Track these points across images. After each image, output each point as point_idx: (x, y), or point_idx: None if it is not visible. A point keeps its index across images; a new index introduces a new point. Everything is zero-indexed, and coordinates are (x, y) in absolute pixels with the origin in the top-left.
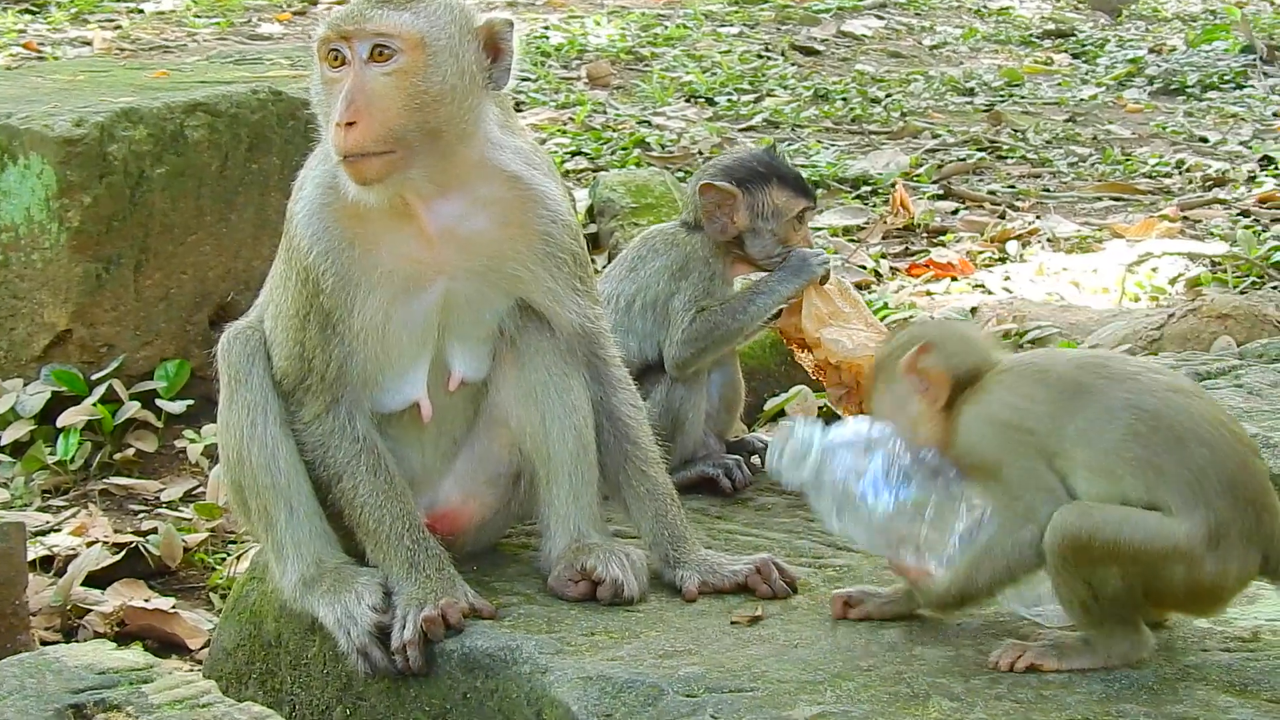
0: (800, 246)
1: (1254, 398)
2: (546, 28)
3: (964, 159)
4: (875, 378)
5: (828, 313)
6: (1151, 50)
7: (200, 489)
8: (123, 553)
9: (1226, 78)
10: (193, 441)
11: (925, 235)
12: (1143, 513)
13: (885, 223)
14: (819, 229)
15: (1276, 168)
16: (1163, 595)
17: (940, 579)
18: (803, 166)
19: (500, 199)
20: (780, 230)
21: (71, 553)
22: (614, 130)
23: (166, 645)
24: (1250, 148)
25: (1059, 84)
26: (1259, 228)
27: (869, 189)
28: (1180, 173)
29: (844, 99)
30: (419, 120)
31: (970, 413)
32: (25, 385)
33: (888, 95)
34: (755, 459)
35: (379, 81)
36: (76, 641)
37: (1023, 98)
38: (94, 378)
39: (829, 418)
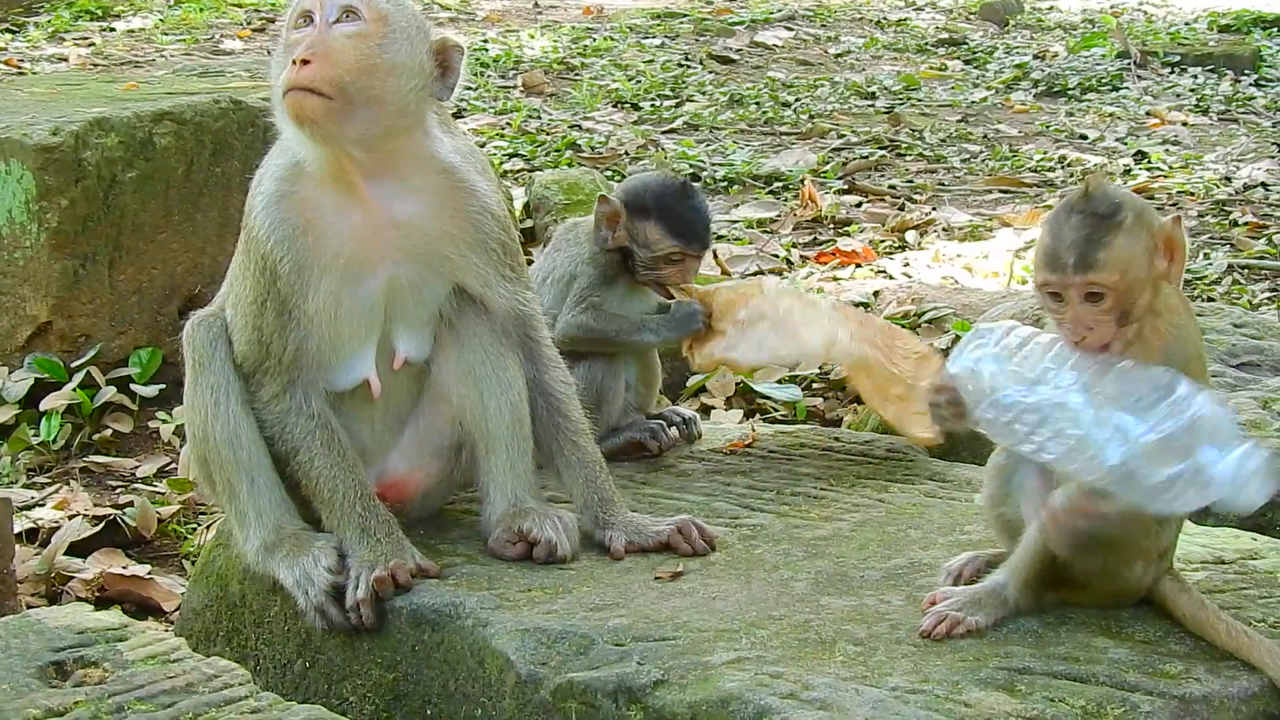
0: (671, 281)
1: None
2: (485, 41)
3: (866, 157)
4: (1124, 228)
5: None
6: (1036, 56)
7: (172, 465)
8: (102, 524)
9: (1104, 80)
10: (165, 422)
11: (832, 226)
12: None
13: (795, 215)
14: (736, 222)
15: (1150, 162)
16: (1110, 583)
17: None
18: (720, 165)
19: (436, 187)
20: (650, 262)
21: (55, 525)
22: (548, 134)
23: (143, 608)
24: (1126, 144)
25: (952, 88)
26: None
27: (780, 185)
28: (1063, 167)
29: (757, 103)
30: (366, 82)
31: (1182, 316)
32: (10, 373)
33: (797, 99)
34: (673, 430)
35: (339, 39)
36: (60, 606)
37: (919, 100)
38: (73, 365)
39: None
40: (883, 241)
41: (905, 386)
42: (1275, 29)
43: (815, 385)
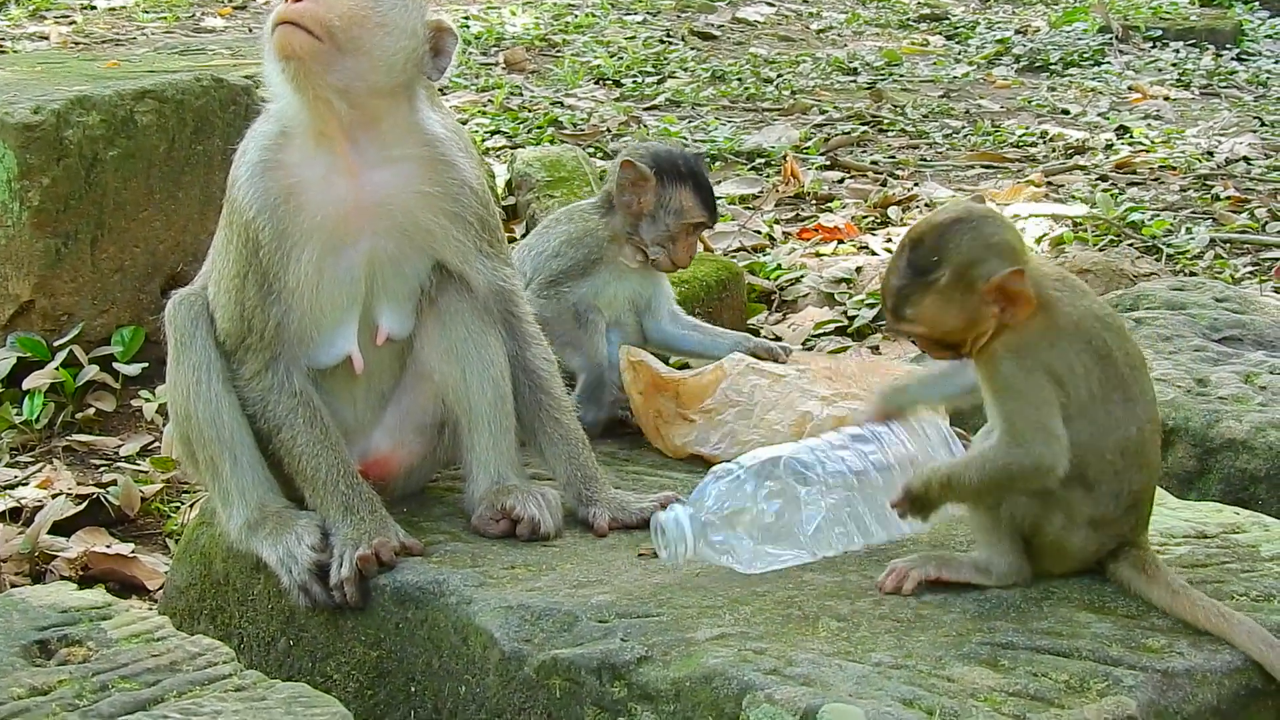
0: (682, 254)
1: None
2: (466, 17)
3: (849, 132)
4: (936, 288)
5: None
6: (1017, 31)
7: (156, 444)
8: (85, 503)
9: (1085, 55)
10: (148, 401)
11: (814, 202)
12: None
13: (778, 191)
14: (718, 198)
15: (1132, 136)
16: (1036, 534)
17: (921, 474)
18: (702, 142)
19: (417, 158)
20: (674, 228)
21: (38, 504)
22: (529, 111)
23: (127, 587)
24: (1107, 119)
25: (934, 63)
26: (1116, 191)
27: (763, 161)
28: (1044, 142)
29: (739, 79)
30: (355, 32)
31: (1015, 344)
32: None
33: (779, 75)
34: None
35: None
36: (44, 585)
37: (901, 76)
38: (56, 344)
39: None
40: (865, 217)
41: None
42: (1256, 3)
43: None
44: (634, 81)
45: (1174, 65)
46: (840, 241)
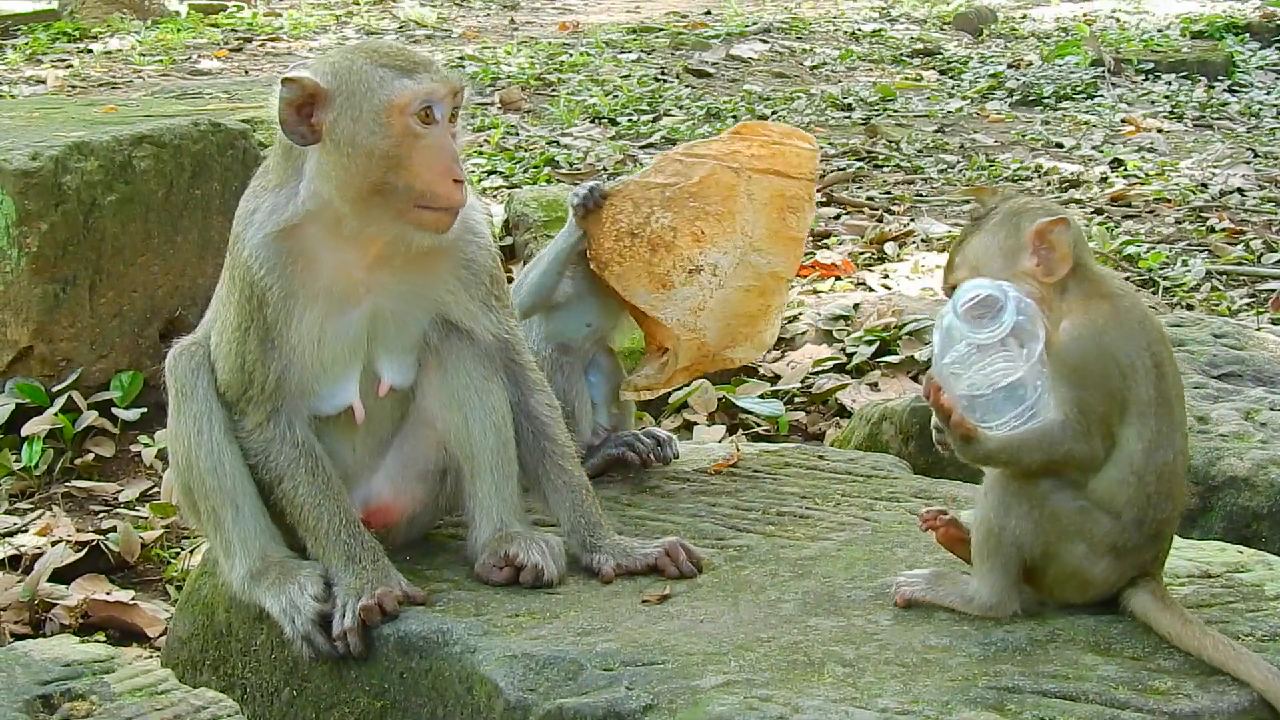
0: None
1: None
2: (462, 58)
3: (844, 169)
4: (985, 228)
5: (609, 249)
6: (1010, 65)
7: (155, 489)
8: (85, 550)
9: (1079, 89)
10: (147, 446)
11: (811, 239)
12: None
13: None
14: None
15: (1126, 169)
16: (1051, 563)
17: (996, 437)
18: None
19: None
20: None
21: (37, 551)
22: (526, 150)
23: (127, 634)
24: (1101, 151)
25: (928, 98)
26: (1111, 224)
27: None
28: (1039, 175)
29: (734, 116)
30: None
31: (1085, 321)
32: None
33: (774, 112)
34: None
35: (454, 142)
36: (44, 633)
37: (896, 111)
38: (55, 389)
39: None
40: (862, 254)
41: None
42: (1247, 34)
43: (797, 400)
44: (629, 120)
45: (1166, 97)
46: (838, 278)
